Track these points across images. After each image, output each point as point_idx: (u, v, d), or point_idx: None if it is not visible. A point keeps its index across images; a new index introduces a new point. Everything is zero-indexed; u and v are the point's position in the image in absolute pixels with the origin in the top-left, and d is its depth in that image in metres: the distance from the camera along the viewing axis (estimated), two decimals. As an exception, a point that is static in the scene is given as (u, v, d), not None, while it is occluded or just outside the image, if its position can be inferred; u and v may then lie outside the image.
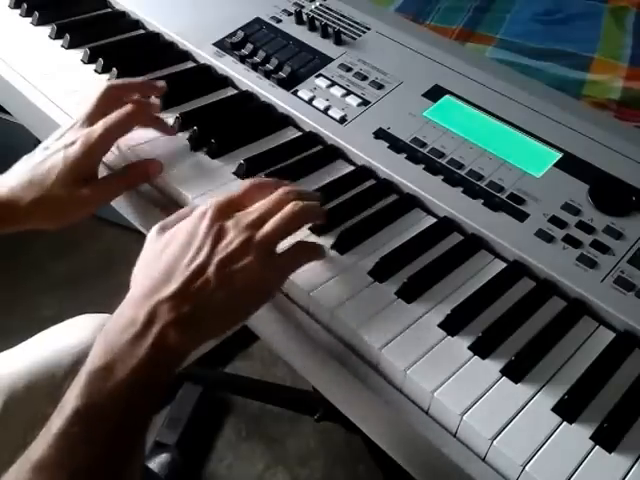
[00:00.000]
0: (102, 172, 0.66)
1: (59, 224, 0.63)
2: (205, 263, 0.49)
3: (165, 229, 0.54)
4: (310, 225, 0.60)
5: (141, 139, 0.68)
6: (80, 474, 0.42)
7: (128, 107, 0.64)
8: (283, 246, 0.54)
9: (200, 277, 0.48)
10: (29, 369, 0.71)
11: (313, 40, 0.81)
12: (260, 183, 0.57)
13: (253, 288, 0.50)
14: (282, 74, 0.77)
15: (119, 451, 0.45)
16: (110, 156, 0.67)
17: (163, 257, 0.51)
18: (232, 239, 0.50)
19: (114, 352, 0.45)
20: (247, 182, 0.56)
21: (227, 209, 0.53)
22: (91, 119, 0.63)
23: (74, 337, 0.75)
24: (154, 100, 0.71)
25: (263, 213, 0.53)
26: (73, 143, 0.61)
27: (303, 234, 0.59)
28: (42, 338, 0.77)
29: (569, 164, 0.66)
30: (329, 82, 0.76)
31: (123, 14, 0.91)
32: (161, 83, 0.71)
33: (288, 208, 0.53)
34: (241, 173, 0.66)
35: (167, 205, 0.65)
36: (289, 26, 0.83)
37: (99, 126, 0.62)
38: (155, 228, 0.54)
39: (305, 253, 0.56)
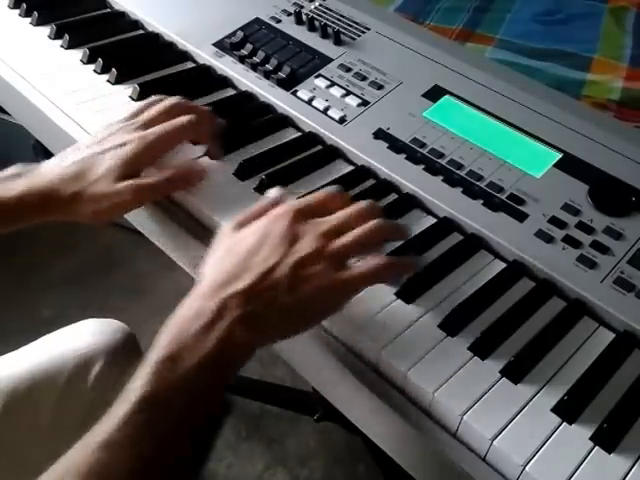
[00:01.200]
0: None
1: (94, 219, 0.62)
2: (279, 263, 0.48)
3: (240, 226, 0.53)
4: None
5: None
6: (142, 462, 0.42)
7: (190, 117, 0.64)
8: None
9: (272, 276, 0.48)
10: (31, 372, 0.71)
11: (313, 40, 0.81)
12: (339, 194, 0.56)
13: (321, 296, 0.49)
14: (282, 74, 0.76)
15: (181, 441, 0.45)
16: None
17: (236, 253, 0.50)
18: (308, 244, 0.50)
19: (181, 343, 0.45)
20: (326, 190, 0.56)
21: (305, 214, 0.52)
22: (147, 125, 0.63)
23: (77, 341, 0.76)
24: (220, 120, 0.70)
25: (342, 223, 0.52)
26: (125, 144, 0.60)
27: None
28: (45, 341, 0.77)
29: (569, 164, 0.66)
30: (329, 82, 0.76)
31: (122, 14, 0.91)
32: (222, 121, 0.69)
33: (373, 223, 0.52)
34: (241, 174, 0.66)
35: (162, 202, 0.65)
36: (289, 26, 0.83)
37: (156, 130, 0.62)
38: (229, 224, 0.53)
39: (380, 272, 0.53)
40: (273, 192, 0.56)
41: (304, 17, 0.83)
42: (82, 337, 0.76)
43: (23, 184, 0.59)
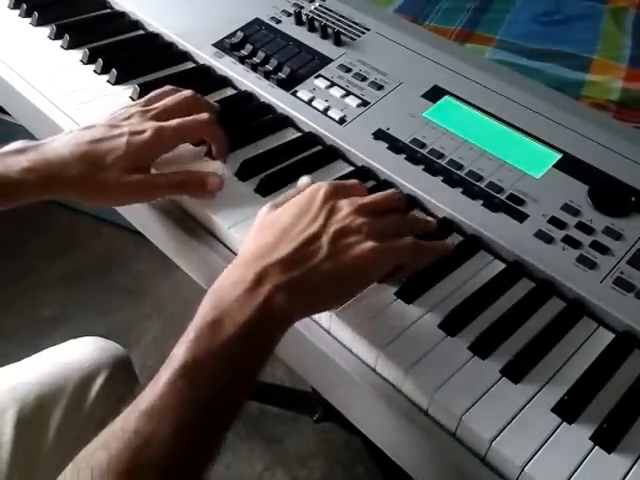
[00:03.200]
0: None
1: (97, 204, 0.63)
2: (319, 232, 0.50)
3: (277, 206, 0.54)
4: None
5: None
6: (184, 429, 0.42)
7: (209, 116, 0.64)
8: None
9: (312, 244, 0.49)
10: (40, 381, 0.72)
11: (312, 41, 0.81)
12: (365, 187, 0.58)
13: (360, 267, 0.50)
14: (282, 75, 0.77)
15: (222, 410, 0.45)
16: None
17: (276, 225, 0.51)
18: (347, 215, 0.51)
19: (223, 308, 0.45)
20: (354, 181, 0.58)
21: (340, 191, 0.54)
22: (161, 115, 0.63)
23: (82, 354, 0.77)
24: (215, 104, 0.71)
25: (377, 202, 0.54)
26: (140, 132, 0.60)
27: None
28: (53, 352, 0.78)
29: (568, 165, 0.66)
30: (328, 83, 0.76)
31: (122, 14, 0.91)
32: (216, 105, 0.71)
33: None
34: (241, 174, 0.66)
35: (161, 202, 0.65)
36: (288, 27, 0.83)
37: (174, 124, 0.62)
38: (266, 205, 0.54)
39: (414, 249, 0.54)
40: (305, 178, 0.58)
41: (304, 17, 0.83)
42: (88, 352, 0.78)
43: (27, 160, 0.58)
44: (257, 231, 0.52)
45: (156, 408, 0.42)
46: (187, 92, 0.67)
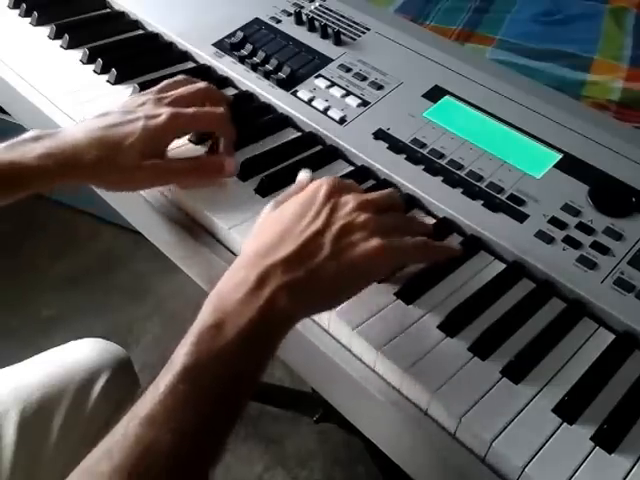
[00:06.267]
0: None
1: (113, 188, 0.63)
2: (322, 229, 0.49)
3: (279, 204, 0.53)
4: None
5: None
6: (186, 435, 0.41)
7: (223, 110, 0.64)
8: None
9: (316, 242, 0.48)
10: (42, 382, 0.72)
11: (313, 40, 0.81)
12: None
13: (365, 265, 0.49)
14: (282, 75, 0.76)
15: (223, 414, 0.44)
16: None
17: (278, 223, 0.50)
18: (351, 210, 0.50)
19: (225, 310, 0.45)
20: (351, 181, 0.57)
21: (342, 187, 0.53)
22: (176, 102, 0.63)
23: (84, 356, 0.77)
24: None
25: (378, 199, 0.53)
26: (156, 116, 0.60)
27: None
28: (54, 354, 0.78)
29: (569, 165, 0.66)
30: (329, 83, 0.76)
31: (122, 14, 0.91)
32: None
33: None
34: (241, 174, 0.66)
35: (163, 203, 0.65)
36: (289, 26, 0.83)
37: (190, 111, 0.62)
38: (269, 204, 0.54)
39: (423, 249, 0.54)
40: (304, 172, 0.57)
41: (304, 17, 0.83)
42: (89, 353, 0.78)
43: (42, 147, 0.58)
44: (259, 230, 0.51)
45: (157, 414, 0.41)
46: (202, 84, 0.67)
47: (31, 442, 0.69)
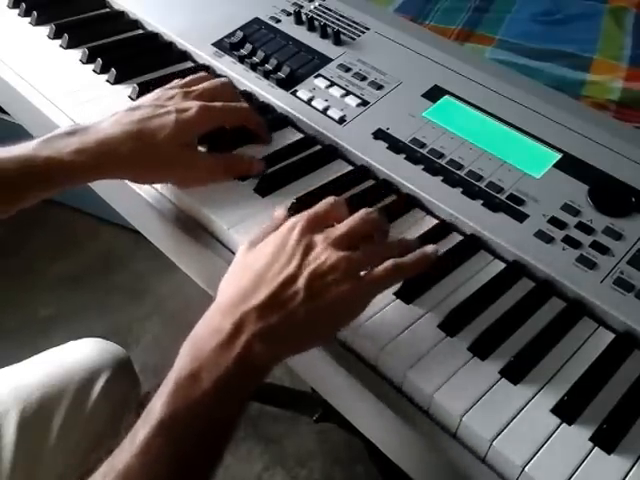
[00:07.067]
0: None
1: (147, 180, 0.64)
2: (295, 273, 0.48)
3: (253, 244, 0.52)
4: None
5: None
6: None
7: (248, 104, 0.67)
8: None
9: (290, 287, 0.47)
10: (42, 382, 0.73)
11: (312, 40, 0.81)
12: (342, 200, 0.55)
13: (339, 304, 0.48)
14: (281, 74, 0.76)
15: (201, 464, 0.44)
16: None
17: (251, 268, 0.49)
18: (322, 251, 0.49)
19: (200, 360, 0.45)
20: (330, 199, 0.55)
21: (316, 223, 0.52)
22: (204, 96, 0.64)
23: (84, 356, 0.77)
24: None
25: (351, 230, 0.52)
26: (187, 110, 0.61)
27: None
28: (54, 353, 0.78)
29: (569, 165, 0.66)
30: (328, 82, 0.75)
31: (122, 14, 0.91)
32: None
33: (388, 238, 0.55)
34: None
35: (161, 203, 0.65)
36: (288, 26, 0.83)
37: (219, 105, 0.64)
38: (245, 244, 0.53)
39: (396, 273, 0.52)
40: (279, 210, 0.57)
41: (304, 17, 0.83)
42: (89, 353, 0.78)
43: (77, 142, 0.58)
44: (234, 274, 0.51)
45: (132, 468, 0.41)
46: (224, 79, 0.70)
47: (31, 442, 0.69)
